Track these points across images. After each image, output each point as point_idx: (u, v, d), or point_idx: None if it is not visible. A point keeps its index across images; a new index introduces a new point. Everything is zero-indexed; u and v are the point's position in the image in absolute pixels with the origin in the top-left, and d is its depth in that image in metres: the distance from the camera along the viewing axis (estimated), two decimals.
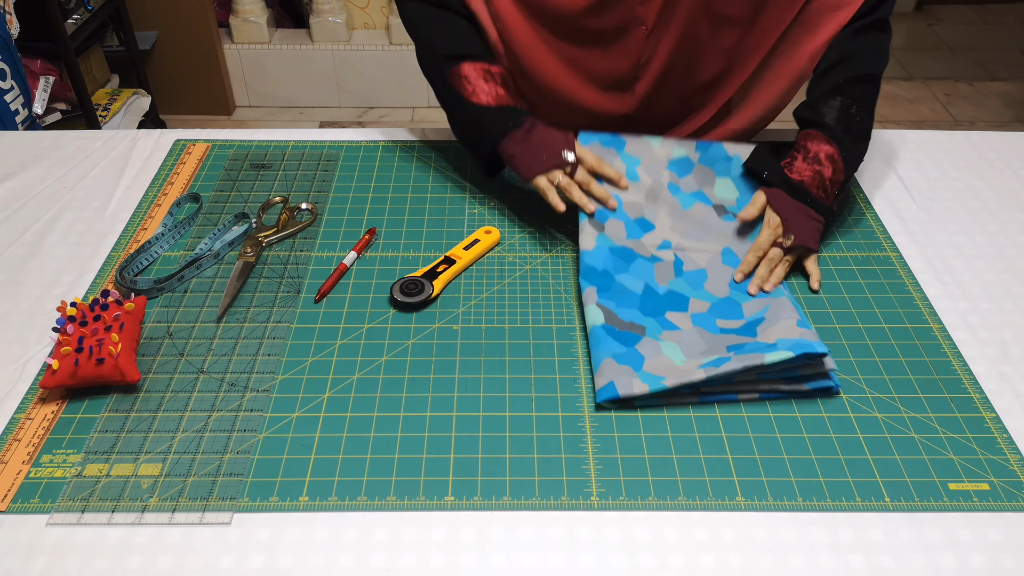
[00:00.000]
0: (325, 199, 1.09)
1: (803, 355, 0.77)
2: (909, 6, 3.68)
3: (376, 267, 0.97)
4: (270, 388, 0.82)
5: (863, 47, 0.98)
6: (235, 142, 1.19)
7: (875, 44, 0.99)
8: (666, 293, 0.91)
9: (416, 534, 0.69)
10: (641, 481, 0.74)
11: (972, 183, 1.14)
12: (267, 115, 2.88)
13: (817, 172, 0.95)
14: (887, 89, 3.08)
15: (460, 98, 1.01)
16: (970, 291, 0.95)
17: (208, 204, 1.07)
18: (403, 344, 0.87)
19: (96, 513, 0.70)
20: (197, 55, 2.71)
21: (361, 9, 2.84)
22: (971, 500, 0.72)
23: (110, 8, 2.39)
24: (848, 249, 1.01)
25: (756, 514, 0.71)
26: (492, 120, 1.00)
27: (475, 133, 1.03)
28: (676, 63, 1.03)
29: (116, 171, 1.13)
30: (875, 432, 0.78)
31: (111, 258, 0.98)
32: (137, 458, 0.75)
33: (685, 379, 0.78)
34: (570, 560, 0.67)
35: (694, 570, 0.67)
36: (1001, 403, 0.81)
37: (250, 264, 0.96)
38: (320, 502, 0.72)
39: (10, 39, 1.91)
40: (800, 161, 0.96)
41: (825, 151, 0.96)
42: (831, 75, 0.98)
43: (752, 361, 0.77)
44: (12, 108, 1.91)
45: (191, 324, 0.89)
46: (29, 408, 0.80)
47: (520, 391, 0.82)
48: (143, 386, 0.82)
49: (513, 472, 0.74)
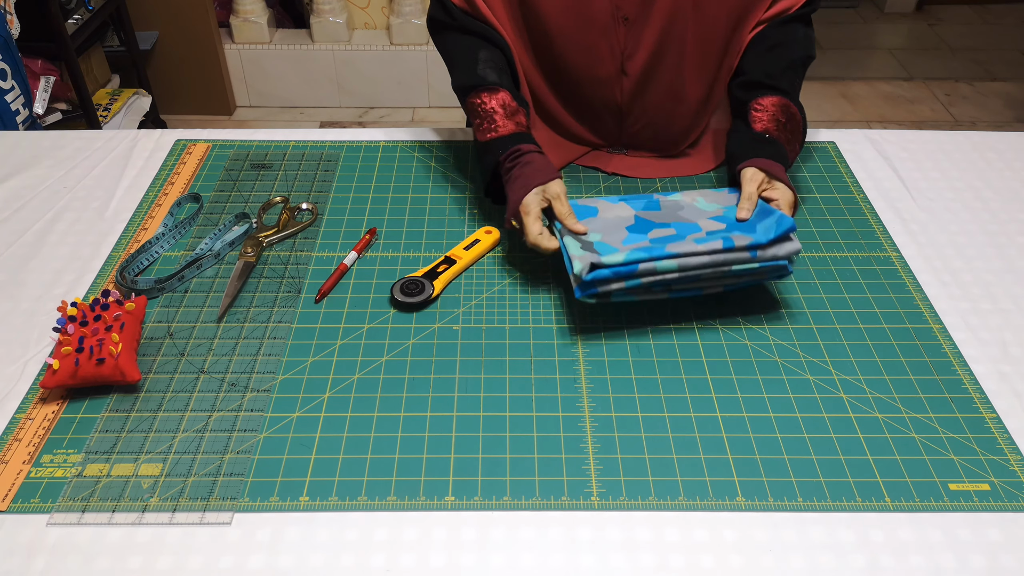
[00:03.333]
0: (325, 199, 1.09)
1: (786, 230, 0.85)
2: (909, 6, 3.68)
3: (376, 267, 0.98)
4: (270, 388, 0.82)
5: (795, 35, 1.06)
6: (236, 142, 1.19)
7: (805, 33, 1.08)
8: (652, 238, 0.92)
9: (416, 534, 0.69)
10: (641, 481, 0.74)
11: (972, 183, 1.14)
12: (268, 115, 2.88)
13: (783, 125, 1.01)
14: (887, 89, 3.08)
15: (474, 134, 1.03)
16: (971, 291, 0.95)
17: (209, 204, 1.07)
18: (403, 344, 0.87)
19: (96, 513, 0.70)
20: (198, 55, 2.72)
21: (362, 9, 2.84)
22: (971, 500, 0.72)
23: (111, 8, 2.39)
24: (848, 249, 1.01)
25: (756, 514, 0.71)
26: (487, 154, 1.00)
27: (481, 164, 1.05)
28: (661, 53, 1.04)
29: (117, 171, 1.13)
30: (876, 432, 0.78)
31: (112, 258, 0.98)
32: (137, 458, 0.75)
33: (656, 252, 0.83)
34: (570, 560, 0.67)
35: (694, 570, 0.67)
36: (1001, 403, 0.81)
37: (250, 264, 0.96)
38: (320, 502, 0.72)
39: (11, 39, 1.91)
40: (767, 118, 1.01)
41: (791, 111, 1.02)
42: (775, 55, 1.05)
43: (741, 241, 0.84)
44: (13, 108, 1.91)
45: (192, 324, 0.89)
46: (30, 408, 0.80)
47: (520, 391, 0.82)
48: (143, 386, 0.82)
49: (513, 472, 0.74)
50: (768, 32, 1.05)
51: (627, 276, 0.84)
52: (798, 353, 0.86)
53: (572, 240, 0.89)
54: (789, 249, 0.86)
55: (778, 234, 0.85)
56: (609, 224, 0.93)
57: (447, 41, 1.08)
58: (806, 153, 1.19)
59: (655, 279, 0.85)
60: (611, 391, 0.82)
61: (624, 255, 0.83)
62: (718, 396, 0.82)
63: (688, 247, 0.84)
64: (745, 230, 0.88)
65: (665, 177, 1.13)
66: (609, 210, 0.96)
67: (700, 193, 0.99)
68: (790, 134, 1.01)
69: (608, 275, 0.83)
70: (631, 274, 0.84)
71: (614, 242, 0.89)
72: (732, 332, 0.89)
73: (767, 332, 0.89)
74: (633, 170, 1.14)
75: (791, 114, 1.02)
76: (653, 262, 0.83)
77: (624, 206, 0.97)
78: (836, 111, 2.95)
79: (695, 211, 0.96)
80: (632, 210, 0.96)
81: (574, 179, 1.13)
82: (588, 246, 0.88)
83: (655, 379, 0.83)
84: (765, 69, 1.04)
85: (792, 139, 1.01)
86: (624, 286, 0.84)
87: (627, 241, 0.89)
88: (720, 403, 0.81)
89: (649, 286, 0.85)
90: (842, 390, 0.82)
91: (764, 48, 1.05)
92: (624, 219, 0.94)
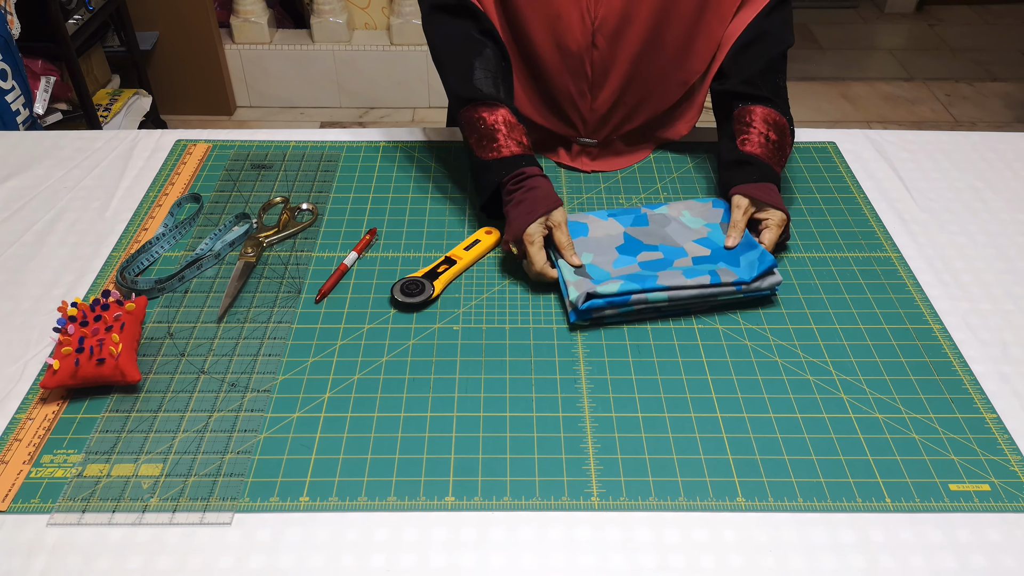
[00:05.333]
0: (326, 199, 1.09)
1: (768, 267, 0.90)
2: (910, 6, 3.68)
3: (377, 267, 0.98)
4: (271, 388, 0.82)
5: (776, 24, 1.06)
6: (236, 142, 1.19)
7: (785, 20, 1.07)
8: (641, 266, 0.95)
9: (416, 534, 0.69)
10: (642, 481, 0.74)
11: (973, 184, 1.14)
12: (268, 115, 2.88)
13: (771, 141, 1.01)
14: (887, 89, 3.08)
15: (468, 143, 1.02)
16: (971, 292, 0.95)
17: (209, 204, 1.07)
18: (404, 344, 0.87)
19: (97, 513, 0.70)
20: (198, 55, 2.72)
21: (362, 9, 2.84)
22: (972, 501, 0.72)
23: (111, 8, 2.39)
24: (848, 249, 1.01)
25: (757, 515, 0.71)
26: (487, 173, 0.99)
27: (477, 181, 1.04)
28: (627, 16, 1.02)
29: (117, 171, 1.13)
30: (876, 433, 0.78)
31: (112, 258, 0.98)
32: (138, 458, 0.75)
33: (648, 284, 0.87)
34: (570, 560, 0.67)
35: (695, 571, 0.67)
36: (1002, 404, 0.81)
37: (251, 264, 0.96)
38: (320, 502, 0.72)
39: (11, 39, 1.91)
40: (755, 135, 1.01)
41: (776, 120, 1.03)
42: (755, 50, 1.05)
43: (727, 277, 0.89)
44: (13, 108, 1.91)
45: (192, 324, 0.89)
46: (30, 408, 0.80)
47: (520, 391, 0.82)
48: (144, 386, 0.82)
49: (514, 472, 0.74)
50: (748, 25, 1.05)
51: (620, 304, 0.88)
52: (798, 353, 0.87)
53: (566, 263, 0.93)
54: (771, 282, 0.91)
55: (760, 272, 0.90)
56: (601, 244, 0.97)
57: (438, 33, 1.06)
58: (806, 153, 1.19)
59: (646, 307, 0.89)
60: (611, 391, 0.82)
61: (618, 286, 0.87)
62: (718, 396, 0.82)
63: (676, 279, 0.89)
64: (729, 262, 0.93)
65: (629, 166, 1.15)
66: (599, 227, 0.99)
67: (686, 205, 1.02)
68: (779, 150, 1.02)
69: (602, 304, 0.87)
70: (624, 303, 0.88)
71: (604, 264, 0.94)
72: (732, 332, 0.89)
73: (767, 332, 0.89)
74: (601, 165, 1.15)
75: (779, 126, 1.03)
76: (645, 293, 0.88)
77: (613, 223, 1.00)
78: (836, 111, 2.95)
79: (681, 228, 0.99)
80: (621, 227, 1.00)
81: (554, 177, 1.13)
82: (581, 269, 0.92)
83: (655, 379, 0.83)
84: (744, 75, 1.04)
85: (781, 154, 1.03)
86: (618, 312, 0.89)
87: (617, 263, 0.94)
88: (720, 403, 0.81)
89: (640, 311, 0.90)
90: (842, 390, 0.82)
91: (741, 44, 1.05)
92: (614, 238, 0.98)
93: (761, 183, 0.98)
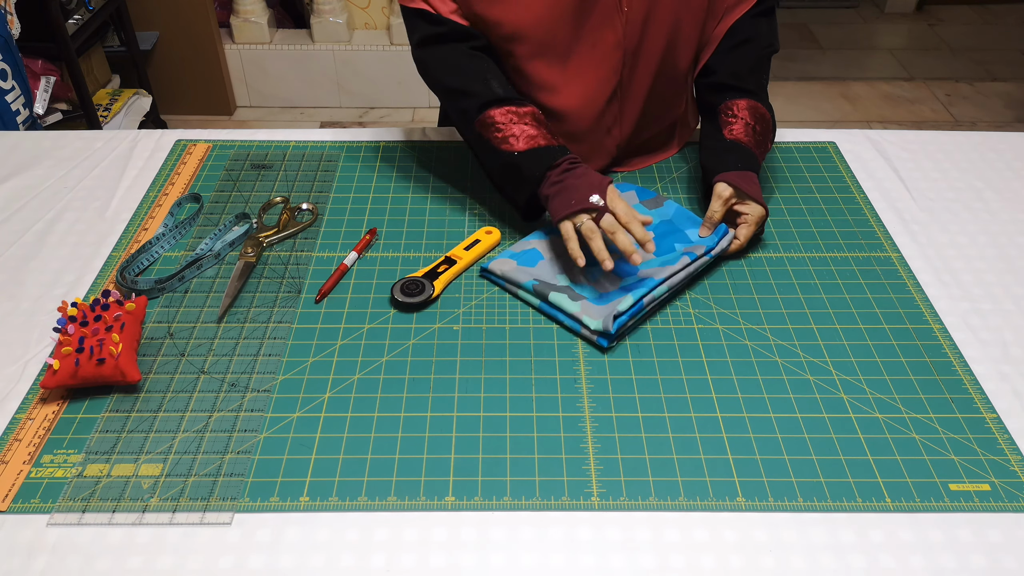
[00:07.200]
0: (326, 199, 1.09)
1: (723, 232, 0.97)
2: (909, 6, 3.68)
3: (377, 267, 0.98)
4: (271, 388, 0.82)
5: (764, 28, 1.07)
6: (236, 142, 1.19)
7: (771, 27, 1.09)
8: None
9: (417, 534, 0.69)
10: (642, 481, 0.74)
11: (973, 183, 1.14)
12: (268, 115, 2.88)
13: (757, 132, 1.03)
14: (887, 89, 3.08)
15: (493, 147, 0.98)
16: (971, 291, 0.95)
17: (209, 204, 1.07)
18: (404, 344, 0.87)
19: (97, 513, 0.70)
20: (198, 55, 2.72)
21: (362, 9, 2.84)
22: (972, 501, 0.72)
23: (111, 8, 2.39)
24: (848, 249, 1.01)
25: (757, 514, 0.71)
26: (529, 165, 0.95)
27: (514, 179, 0.98)
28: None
29: (117, 171, 1.13)
30: (876, 432, 0.78)
31: (112, 258, 0.98)
32: (138, 458, 0.75)
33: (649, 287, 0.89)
34: (570, 560, 0.67)
35: (695, 570, 0.67)
36: (1002, 404, 0.81)
37: (251, 264, 0.96)
38: (321, 502, 0.72)
39: (11, 39, 1.91)
40: (741, 124, 1.03)
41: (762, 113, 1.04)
42: (744, 50, 1.06)
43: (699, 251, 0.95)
44: (13, 108, 1.91)
45: (192, 324, 0.89)
46: (30, 408, 0.80)
47: (521, 391, 0.82)
48: (144, 386, 0.82)
49: (514, 472, 0.74)
50: (736, 26, 1.06)
51: (638, 312, 0.89)
52: (798, 353, 0.87)
53: (558, 296, 0.90)
54: (728, 239, 0.98)
55: (720, 236, 0.97)
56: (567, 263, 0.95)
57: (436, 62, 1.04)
58: (806, 153, 1.19)
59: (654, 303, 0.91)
60: (611, 391, 0.82)
61: (630, 298, 0.88)
62: (718, 396, 0.82)
63: (666, 271, 0.92)
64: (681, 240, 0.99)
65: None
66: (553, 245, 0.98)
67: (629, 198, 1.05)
68: (762, 137, 1.04)
69: (626, 319, 0.87)
70: (640, 310, 0.89)
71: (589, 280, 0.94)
72: (732, 332, 0.89)
73: (767, 332, 0.89)
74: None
75: (762, 117, 1.04)
76: (651, 293, 0.90)
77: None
78: (836, 111, 2.95)
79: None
80: None
81: None
82: (574, 295, 0.90)
83: (655, 379, 0.83)
84: (732, 69, 1.05)
85: (764, 142, 1.04)
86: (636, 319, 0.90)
87: (594, 275, 0.94)
88: (720, 403, 0.81)
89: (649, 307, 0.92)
90: (842, 390, 0.82)
91: (731, 44, 1.06)
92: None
93: (744, 171, 0.99)
